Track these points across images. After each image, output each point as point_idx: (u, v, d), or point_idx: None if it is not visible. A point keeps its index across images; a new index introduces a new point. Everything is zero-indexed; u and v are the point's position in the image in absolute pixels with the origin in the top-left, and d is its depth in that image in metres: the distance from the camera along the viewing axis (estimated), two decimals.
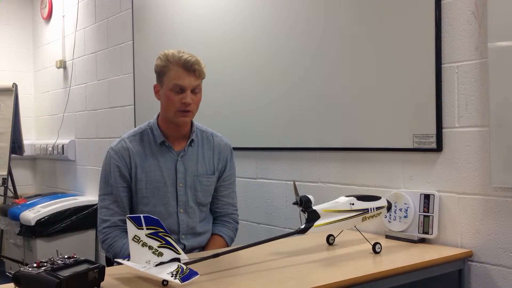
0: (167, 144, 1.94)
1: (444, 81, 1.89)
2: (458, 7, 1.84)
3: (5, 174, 4.28)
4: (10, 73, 5.01)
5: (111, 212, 1.90)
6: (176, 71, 1.84)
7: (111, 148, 1.96)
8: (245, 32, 2.70)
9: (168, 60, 1.86)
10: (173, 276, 1.30)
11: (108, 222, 1.89)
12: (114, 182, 1.91)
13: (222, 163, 2.04)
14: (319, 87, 2.33)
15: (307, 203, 1.64)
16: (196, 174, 1.96)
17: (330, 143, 2.29)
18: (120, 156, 1.92)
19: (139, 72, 3.58)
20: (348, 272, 1.49)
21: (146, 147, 1.94)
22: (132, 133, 1.99)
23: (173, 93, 1.85)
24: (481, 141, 1.79)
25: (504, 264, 1.75)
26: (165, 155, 1.93)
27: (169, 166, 1.93)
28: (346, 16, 2.21)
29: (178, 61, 1.84)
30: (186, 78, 1.84)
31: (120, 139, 1.98)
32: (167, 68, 1.86)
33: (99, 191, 1.95)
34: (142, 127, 1.99)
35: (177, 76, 1.84)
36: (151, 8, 3.44)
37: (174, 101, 1.85)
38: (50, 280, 1.18)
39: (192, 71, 1.84)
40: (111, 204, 1.90)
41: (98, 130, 4.11)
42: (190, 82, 1.85)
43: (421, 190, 1.95)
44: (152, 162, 1.92)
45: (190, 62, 1.83)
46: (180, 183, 1.93)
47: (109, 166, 1.93)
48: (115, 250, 1.86)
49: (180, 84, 1.84)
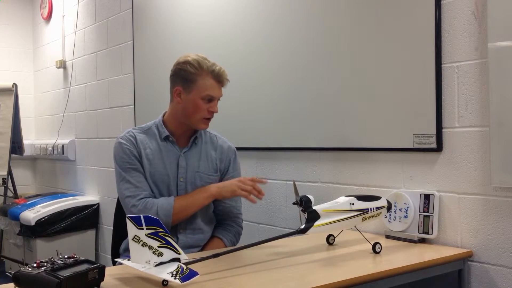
0: (171, 139, 1.97)
1: (444, 81, 1.89)
2: (458, 7, 1.84)
3: (5, 174, 4.28)
4: (10, 73, 5.01)
5: (139, 189, 1.89)
6: (210, 81, 1.90)
7: (119, 138, 1.97)
8: (245, 32, 2.70)
9: (201, 67, 1.89)
10: (173, 276, 1.30)
11: (139, 195, 1.89)
12: (131, 164, 1.91)
13: (225, 164, 2.05)
14: (319, 87, 2.33)
15: (307, 203, 1.64)
16: (197, 170, 1.98)
17: (330, 143, 2.29)
18: (130, 143, 1.94)
19: (139, 72, 3.58)
20: (348, 272, 1.49)
21: (151, 140, 1.97)
22: (138, 128, 2.02)
23: (203, 102, 1.90)
24: (481, 141, 1.79)
25: (504, 264, 1.75)
26: (168, 150, 1.96)
27: (172, 160, 1.95)
28: (346, 16, 2.21)
29: (212, 71, 1.90)
30: (217, 89, 1.92)
31: (127, 130, 2.00)
32: (199, 76, 1.89)
33: (117, 179, 1.94)
34: (148, 125, 2.02)
35: (210, 86, 1.90)
36: (151, 8, 3.45)
37: (202, 109, 1.91)
38: (50, 280, 1.18)
39: (222, 82, 1.93)
40: (137, 183, 1.90)
41: (98, 130, 4.12)
42: (219, 93, 1.94)
43: (421, 190, 1.95)
44: (156, 155, 1.95)
45: (223, 75, 1.92)
46: (181, 177, 1.95)
47: (122, 153, 1.93)
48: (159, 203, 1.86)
49: (213, 95, 1.90)
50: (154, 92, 3.41)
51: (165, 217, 1.85)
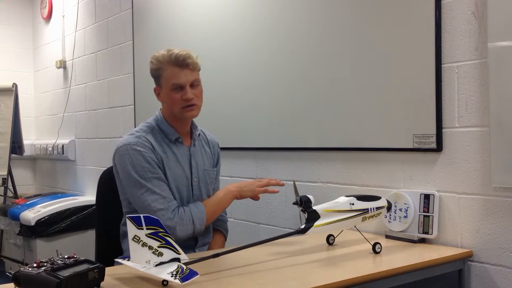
0: (180, 140, 1.93)
1: (444, 81, 1.89)
2: (458, 7, 1.84)
3: (5, 174, 4.28)
4: (10, 73, 5.01)
5: (168, 199, 1.80)
6: (170, 70, 1.83)
7: (130, 145, 1.82)
8: (245, 32, 2.70)
9: (159, 61, 1.85)
10: (173, 276, 1.30)
11: (171, 208, 1.79)
12: (153, 173, 1.80)
13: (216, 157, 2.09)
14: (319, 87, 2.33)
15: (307, 203, 1.64)
16: (204, 168, 1.98)
17: (330, 143, 2.29)
18: (148, 149, 1.82)
19: (139, 72, 3.58)
20: (348, 272, 1.49)
21: (162, 143, 1.89)
22: (144, 130, 1.90)
23: (174, 92, 1.84)
24: (481, 141, 1.79)
25: (504, 264, 1.75)
26: (180, 151, 1.92)
27: (185, 161, 1.92)
28: (346, 16, 2.21)
29: (169, 59, 1.83)
30: (181, 74, 1.82)
31: (135, 137, 1.85)
32: (160, 69, 1.85)
33: (137, 189, 1.79)
34: (150, 125, 1.92)
35: (172, 75, 1.83)
36: (151, 8, 3.45)
37: (176, 100, 1.84)
38: (50, 280, 1.18)
39: (185, 66, 1.83)
40: (162, 192, 1.79)
41: (98, 130, 4.12)
42: (186, 78, 1.83)
43: (421, 190, 1.95)
44: (172, 158, 1.88)
45: (181, 57, 1.81)
46: (195, 177, 1.93)
47: (143, 162, 1.80)
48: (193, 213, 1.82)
49: (178, 83, 1.83)
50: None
51: (200, 226, 1.82)
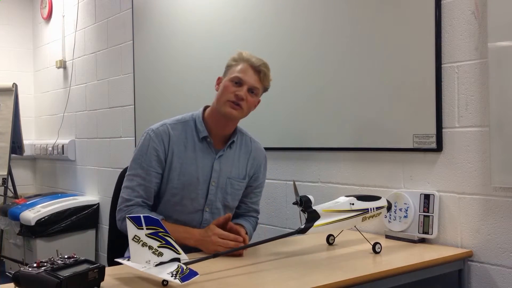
0: (208, 140, 1.90)
1: (444, 81, 1.89)
2: (458, 7, 1.84)
3: (5, 174, 4.28)
4: (10, 73, 5.01)
5: (136, 194, 1.84)
6: (243, 66, 1.86)
7: (151, 129, 1.88)
8: (244, 32, 2.70)
9: (241, 57, 1.88)
10: (173, 276, 1.30)
11: (131, 201, 1.83)
12: (148, 165, 1.84)
13: (255, 169, 2.00)
14: (319, 87, 2.33)
15: (307, 203, 1.64)
16: (229, 176, 1.92)
17: (330, 143, 2.29)
18: (160, 140, 1.85)
19: (139, 72, 3.58)
20: (348, 272, 1.49)
21: (187, 138, 1.89)
22: (175, 120, 1.92)
23: (232, 83, 1.84)
24: (481, 141, 1.79)
25: (504, 264, 1.75)
26: (204, 151, 1.89)
27: (206, 163, 1.89)
28: (346, 16, 2.21)
29: (249, 59, 1.87)
30: (249, 74, 1.85)
31: (162, 123, 1.90)
32: (237, 63, 1.88)
33: (129, 170, 1.87)
34: (185, 117, 1.93)
35: (241, 70, 1.85)
36: (151, 8, 3.45)
37: (229, 91, 1.84)
38: (50, 280, 1.18)
39: (257, 71, 1.86)
40: (137, 187, 1.84)
41: (98, 130, 4.11)
42: (250, 80, 1.85)
43: (421, 190, 1.95)
44: (190, 155, 1.87)
45: (259, 62, 1.86)
46: (213, 181, 1.89)
47: (146, 148, 1.85)
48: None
49: (241, 77, 1.84)
50: (154, 92, 3.40)
51: None
